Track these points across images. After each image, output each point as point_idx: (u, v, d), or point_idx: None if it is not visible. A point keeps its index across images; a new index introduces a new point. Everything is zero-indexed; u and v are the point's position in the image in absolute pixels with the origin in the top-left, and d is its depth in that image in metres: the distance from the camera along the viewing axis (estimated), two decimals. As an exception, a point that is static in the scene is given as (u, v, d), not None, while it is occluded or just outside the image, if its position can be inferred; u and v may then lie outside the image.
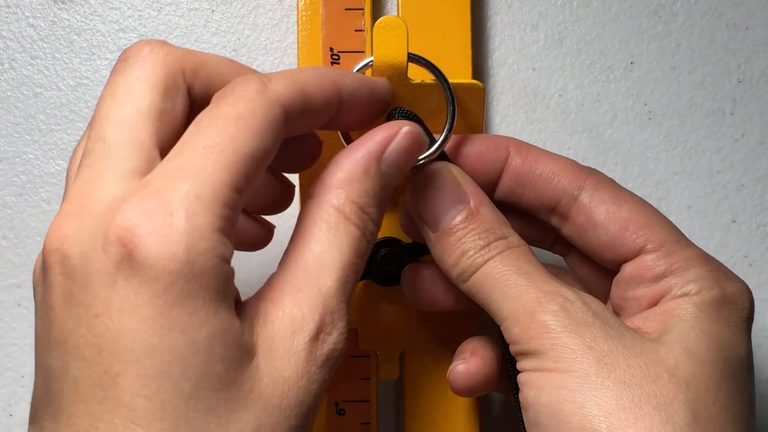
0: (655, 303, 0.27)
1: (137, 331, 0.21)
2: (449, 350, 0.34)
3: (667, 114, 0.39)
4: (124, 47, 0.37)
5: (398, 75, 0.30)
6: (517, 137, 0.38)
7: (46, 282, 0.22)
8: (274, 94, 0.23)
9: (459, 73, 0.35)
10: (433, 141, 0.29)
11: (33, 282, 0.24)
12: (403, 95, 0.31)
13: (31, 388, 0.37)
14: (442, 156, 0.30)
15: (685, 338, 0.25)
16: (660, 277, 0.27)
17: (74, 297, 0.21)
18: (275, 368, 0.23)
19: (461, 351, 0.31)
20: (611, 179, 0.30)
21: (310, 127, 0.26)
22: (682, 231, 0.29)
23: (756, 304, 0.28)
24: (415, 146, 0.27)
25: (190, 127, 0.23)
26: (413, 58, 0.30)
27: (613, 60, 0.38)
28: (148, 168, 0.22)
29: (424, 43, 0.35)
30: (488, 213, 0.28)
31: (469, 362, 0.30)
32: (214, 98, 0.24)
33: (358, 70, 0.30)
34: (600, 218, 0.28)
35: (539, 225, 0.31)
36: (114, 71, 0.24)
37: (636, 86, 0.38)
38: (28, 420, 0.24)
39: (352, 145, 0.26)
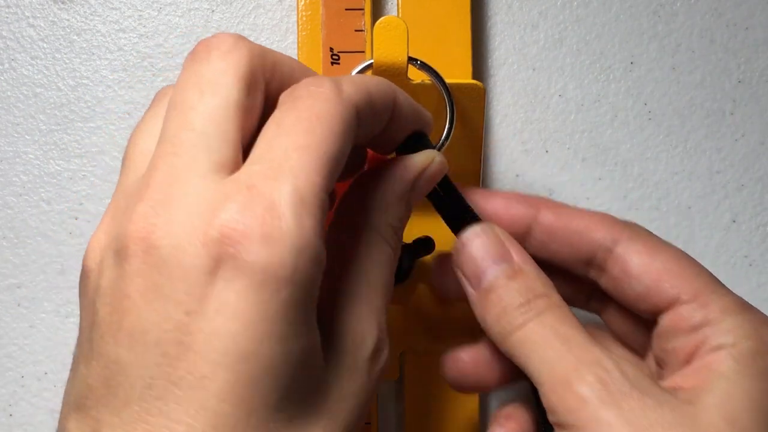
0: (692, 354, 0.27)
1: (234, 335, 0.20)
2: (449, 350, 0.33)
3: (667, 114, 0.39)
4: (124, 47, 0.38)
5: (398, 75, 0.30)
6: (517, 137, 0.38)
7: (124, 269, 0.21)
8: (347, 96, 0.23)
9: (459, 73, 0.35)
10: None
11: (88, 263, 0.23)
12: (403, 95, 0.31)
13: (32, 387, 0.38)
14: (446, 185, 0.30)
15: (724, 401, 0.25)
16: (696, 328, 0.27)
17: (161, 290, 0.21)
18: (340, 383, 0.23)
19: (497, 416, 0.30)
20: (647, 231, 0.29)
21: (368, 134, 0.26)
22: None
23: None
24: (440, 176, 0.28)
25: (271, 126, 0.23)
26: (412, 60, 0.30)
27: (613, 60, 0.38)
28: (234, 162, 0.22)
29: (424, 43, 0.35)
30: (531, 271, 0.28)
31: (507, 427, 0.29)
32: (287, 96, 0.23)
33: (358, 72, 0.30)
34: (634, 269, 0.28)
35: (572, 282, 0.31)
36: (194, 60, 0.24)
37: (636, 86, 0.38)
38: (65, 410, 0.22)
39: (388, 168, 0.27)
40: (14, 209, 0.37)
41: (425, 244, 0.32)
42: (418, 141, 0.28)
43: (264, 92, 0.24)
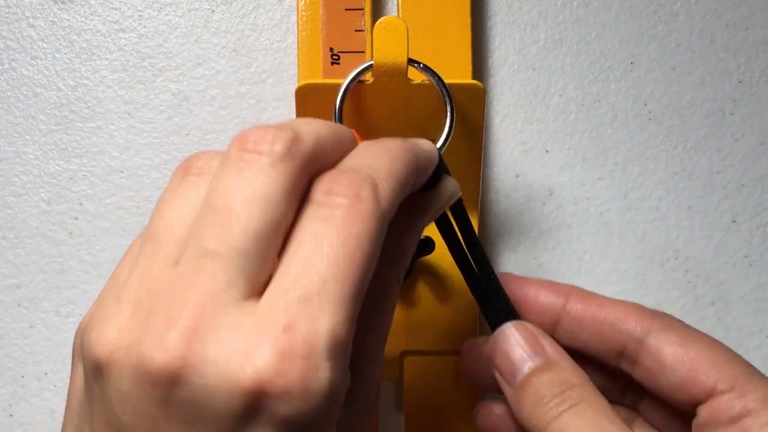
0: None
1: None
2: (449, 350, 0.33)
3: (667, 114, 0.39)
4: (124, 47, 0.37)
5: (398, 75, 0.30)
6: (517, 137, 0.38)
7: (147, 392, 0.21)
8: (385, 206, 0.23)
9: (459, 73, 0.35)
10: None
11: (100, 353, 0.22)
12: (403, 96, 0.31)
13: (32, 387, 0.38)
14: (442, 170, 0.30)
15: None
16: (736, 418, 0.27)
17: (189, 424, 0.21)
18: None
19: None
20: (678, 320, 0.29)
21: None
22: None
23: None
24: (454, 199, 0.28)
25: (308, 239, 0.22)
26: (413, 62, 0.30)
27: (613, 60, 0.38)
28: (266, 280, 0.22)
29: (424, 43, 0.35)
30: (565, 364, 0.28)
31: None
32: (324, 196, 0.23)
33: (358, 73, 0.30)
34: (668, 360, 0.28)
35: (606, 374, 0.31)
36: (241, 160, 0.22)
37: (636, 86, 0.38)
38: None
39: (408, 211, 0.26)
40: (14, 209, 0.37)
41: (425, 244, 0.32)
42: (433, 175, 0.28)
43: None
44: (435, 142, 0.30)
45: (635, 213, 0.38)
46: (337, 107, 0.30)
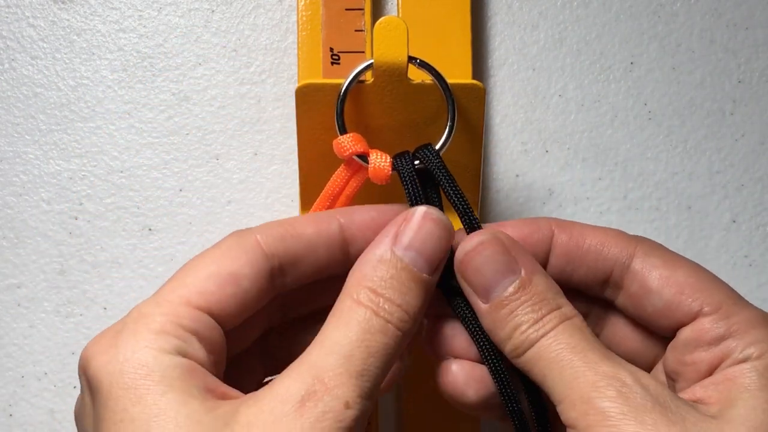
0: (715, 366, 0.27)
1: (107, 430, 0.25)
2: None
3: (667, 114, 0.39)
4: (124, 47, 0.38)
5: (398, 75, 0.30)
6: (517, 137, 0.38)
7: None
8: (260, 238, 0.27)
9: (459, 73, 0.35)
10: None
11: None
12: (404, 96, 0.31)
13: (32, 387, 0.38)
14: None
15: (750, 415, 0.25)
16: (719, 339, 0.27)
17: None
18: None
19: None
20: (661, 245, 0.29)
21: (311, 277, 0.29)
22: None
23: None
24: (431, 225, 0.28)
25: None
26: (413, 60, 0.30)
27: (613, 60, 0.38)
28: None
29: (424, 43, 0.35)
30: (541, 282, 0.27)
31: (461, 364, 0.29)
32: None
33: (358, 73, 0.30)
34: (654, 284, 0.28)
35: (582, 304, 0.30)
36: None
37: (636, 86, 0.38)
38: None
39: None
40: (14, 209, 0.37)
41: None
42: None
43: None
44: (435, 142, 0.30)
45: (635, 213, 0.38)
46: (338, 107, 0.30)
